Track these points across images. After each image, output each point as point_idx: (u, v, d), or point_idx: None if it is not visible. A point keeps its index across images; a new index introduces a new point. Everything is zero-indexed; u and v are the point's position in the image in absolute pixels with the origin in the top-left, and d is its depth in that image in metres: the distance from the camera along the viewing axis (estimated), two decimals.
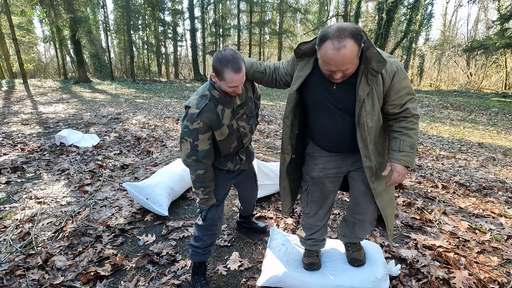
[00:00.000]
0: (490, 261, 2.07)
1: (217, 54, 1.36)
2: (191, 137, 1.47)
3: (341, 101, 1.35)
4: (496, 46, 10.48)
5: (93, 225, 2.36)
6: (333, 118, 1.40)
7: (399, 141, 1.37)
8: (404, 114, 1.36)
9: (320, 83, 1.36)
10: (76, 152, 4.14)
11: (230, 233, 2.35)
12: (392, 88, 1.30)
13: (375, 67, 1.22)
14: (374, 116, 1.32)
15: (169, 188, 2.66)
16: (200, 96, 1.49)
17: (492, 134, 7.12)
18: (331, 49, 1.13)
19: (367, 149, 1.35)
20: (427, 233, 2.41)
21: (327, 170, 1.56)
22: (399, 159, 1.36)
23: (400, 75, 1.29)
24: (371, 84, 1.26)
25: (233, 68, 1.33)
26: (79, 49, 16.44)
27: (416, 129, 1.37)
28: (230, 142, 1.60)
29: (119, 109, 8.18)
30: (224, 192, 1.76)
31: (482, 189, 3.45)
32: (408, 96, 1.34)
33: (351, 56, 1.14)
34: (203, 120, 1.45)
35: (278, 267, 1.73)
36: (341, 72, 1.20)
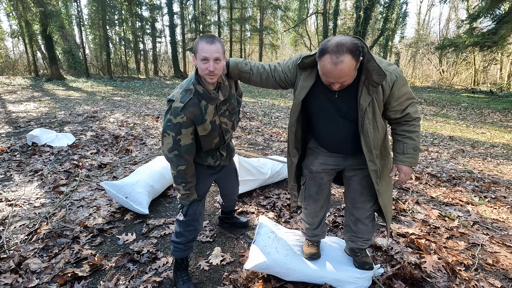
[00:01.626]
0: (458, 245, 2.22)
1: (198, 39, 1.42)
2: (174, 131, 1.46)
3: (342, 110, 1.41)
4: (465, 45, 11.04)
5: (69, 226, 2.29)
6: (336, 125, 1.46)
7: (402, 144, 1.46)
8: (406, 119, 1.42)
9: (323, 93, 1.42)
10: (49, 152, 3.98)
11: (212, 229, 2.36)
12: (392, 96, 1.36)
13: (375, 80, 1.27)
14: (376, 123, 1.39)
15: (149, 186, 2.63)
16: (185, 90, 1.48)
17: (462, 128, 7.51)
18: (329, 63, 1.18)
19: (371, 154, 1.41)
20: (401, 222, 2.53)
21: (326, 166, 1.63)
22: (404, 161, 1.46)
23: (400, 82, 1.34)
24: (371, 94, 1.32)
25: (207, 39, 1.37)
26: (51, 45, 15.68)
27: (418, 132, 1.45)
28: (212, 138, 1.61)
29: (95, 107, 7.91)
30: (205, 188, 1.77)
31: (452, 179, 3.65)
32: (408, 101, 1.40)
33: (348, 70, 1.19)
34: (187, 115, 1.45)
35: (266, 253, 1.75)
36: (338, 84, 1.26)
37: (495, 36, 10.49)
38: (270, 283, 1.76)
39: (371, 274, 1.75)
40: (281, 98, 12.21)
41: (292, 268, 1.72)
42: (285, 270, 1.72)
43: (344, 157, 1.60)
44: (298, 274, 1.72)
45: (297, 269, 1.73)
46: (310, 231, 1.84)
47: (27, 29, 16.22)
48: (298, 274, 1.72)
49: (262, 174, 2.96)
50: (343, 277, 1.71)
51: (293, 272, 1.71)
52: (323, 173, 1.65)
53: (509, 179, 3.79)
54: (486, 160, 4.68)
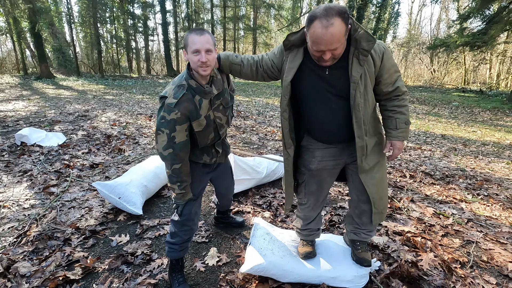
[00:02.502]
0: (453, 243, 2.23)
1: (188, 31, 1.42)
2: (168, 128, 1.43)
3: (334, 86, 1.36)
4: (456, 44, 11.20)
5: (60, 227, 2.23)
6: (328, 105, 1.41)
7: (394, 120, 1.46)
8: (396, 93, 1.42)
9: (312, 71, 1.37)
10: (39, 152, 3.88)
11: (208, 229, 2.33)
12: (383, 67, 1.35)
13: (365, 47, 1.25)
14: (367, 96, 1.35)
15: (142, 186, 2.58)
16: (177, 86, 1.45)
17: (453, 126, 7.62)
18: (319, 28, 1.15)
19: (360, 129, 1.38)
20: (396, 220, 2.54)
21: (326, 162, 1.57)
22: (397, 136, 1.47)
23: (388, 53, 1.35)
24: (363, 65, 1.29)
25: (196, 31, 1.37)
26: (40, 43, 15.34)
27: (407, 106, 1.46)
28: (207, 133, 1.58)
29: (86, 106, 7.76)
30: (200, 187, 1.74)
31: (445, 177, 3.69)
32: (396, 73, 1.41)
33: (339, 34, 1.16)
34: (181, 110, 1.42)
35: (262, 255, 1.73)
36: (330, 52, 1.22)
37: (485, 36, 10.67)
38: (267, 284, 1.74)
39: (368, 272, 1.74)
40: (275, 97, 12.20)
41: (289, 269, 1.70)
42: (281, 272, 1.70)
43: (340, 149, 1.54)
44: (295, 275, 1.70)
45: (294, 270, 1.71)
46: (305, 226, 1.80)
47: (15, 26, 15.81)
48: (295, 275, 1.70)
49: (258, 173, 2.94)
50: (339, 275, 1.69)
51: (290, 273, 1.70)
52: (323, 170, 1.59)
53: (500, 176, 3.85)
54: (478, 158, 4.74)
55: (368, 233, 1.72)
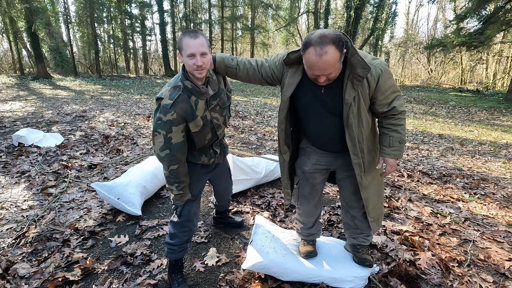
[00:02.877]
0: (450, 241, 2.25)
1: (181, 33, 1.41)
2: (164, 129, 1.43)
3: (329, 104, 1.42)
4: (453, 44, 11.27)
5: (59, 228, 2.23)
6: (322, 120, 1.47)
7: (388, 138, 1.49)
8: (392, 112, 1.44)
9: (309, 89, 1.43)
10: (37, 152, 3.86)
11: (207, 229, 2.33)
12: (378, 90, 1.37)
13: (359, 73, 1.29)
14: (360, 117, 1.39)
15: (141, 186, 2.58)
16: (173, 87, 1.46)
17: (450, 126, 7.67)
18: (313, 55, 1.19)
19: (355, 147, 1.43)
20: (394, 219, 2.56)
21: (319, 166, 1.65)
22: (390, 154, 1.49)
23: (385, 76, 1.35)
24: (356, 88, 1.33)
25: (190, 34, 1.37)
26: (37, 43, 15.25)
27: (403, 125, 1.47)
28: (204, 134, 1.58)
29: (84, 107, 7.73)
30: (199, 187, 1.74)
31: (443, 177, 3.72)
32: (393, 94, 1.41)
33: (333, 62, 1.20)
34: (177, 111, 1.42)
35: (264, 253, 1.73)
36: (324, 76, 1.26)
37: (482, 36, 10.75)
38: (267, 283, 1.74)
39: (368, 273, 1.75)
40: (273, 97, 12.21)
41: (290, 268, 1.71)
42: (282, 270, 1.71)
43: (335, 156, 1.60)
44: (296, 274, 1.71)
45: (295, 268, 1.71)
46: (305, 230, 1.84)
47: (11, 26, 15.74)
48: (295, 274, 1.71)
49: (257, 173, 2.95)
50: (340, 276, 1.71)
51: (291, 272, 1.70)
52: (316, 173, 1.66)
53: (497, 175, 3.88)
54: (475, 158, 4.78)
55: (366, 237, 1.76)
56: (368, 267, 1.74)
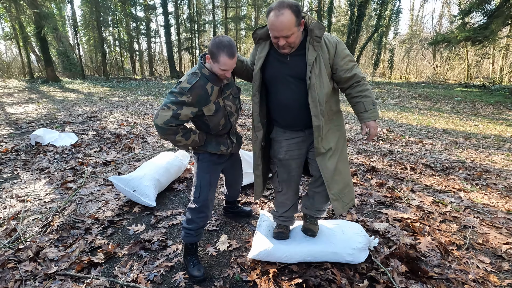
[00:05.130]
0: (450, 228, 2.35)
1: (215, 39, 1.53)
2: (176, 106, 1.55)
3: (294, 70, 1.58)
4: (457, 39, 11.23)
5: (81, 218, 2.39)
6: (289, 87, 1.61)
7: (362, 104, 1.65)
8: (355, 80, 1.62)
9: (276, 59, 1.62)
10: (54, 151, 4.05)
11: (218, 218, 2.47)
12: (338, 56, 1.57)
13: (317, 33, 1.50)
14: (322, 79, 1.55)
15: (155, 179, 2.73)
16: (192, 73, 1.61)
17: (455, 121, 7.69)
18: (272, 16, 1.43)
19: (316, 108, 1.55)
20: (397, 208, 2.66)
21: (291, 152, 1.77)
22: (369, 117, 1.65)
23: (341, 45, 1.59)
24: (317, 50, 1.52)
25: (228, 53, 1.50)
26: (46, 47, 15.63)
27: (369, 89, 1.66)
28: (218, 118, 1.72)
29: (94, 108, 7.96)
30: (215, 177, 1.88)
31: (445, 169, 3.80)
32: (351, 62, 1.61)
33: (288, 23, 1.41)
34: (192, 95, 1.56)
35: (267, 242, 1.88)
36: (283, 39, 1.46)
37: (486, 31, 10.69)
38: (275, 264, 1.88)
39: (366, 244, 1.87)
40: None
41: (293, 250, 1.84)
42: (287, 254, 1.84)
43: (302, 138, 1.73)
44: (300, 255, 1.84)
45: (298, 250, 1.85)
46: (281, 213, 1.96)
47: (20, 31, 16.13)
48: (299, 255, 1.84)
49: None
50: (339, 250, 1.83)
51: (295, 253, 1.84)
52: (290, 160, 1.79)
53: (500, 167, 3.95)
54: (478, 151, 4.83)
55: (317, 211, 1.89)
56: (310, 236, 1.90)
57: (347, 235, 1.93)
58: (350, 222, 2.18)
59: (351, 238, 1.89)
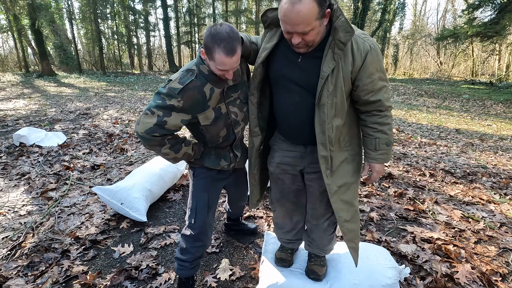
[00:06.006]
0: (488, 251, 2.02)
1: (210, 29, 1.13)
2: (162, 111, 1.19)
3: (303, 76, 1.19)
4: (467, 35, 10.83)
5: (58, 237, 2.06)
6: (292, 97, 1.24)
7: (374, 140, 1.26)
8: (377, 107, 1.21)
9: (285, 55, 1.22)
10: (38, 152, 3.71)
11: (218, 237, 2.14)
12: (364, 70, 1.13)
13: (341, 38, 1.07)
14: (336, 98, 1.15)
15: (146, 190, 2.39)
16: (186, 70, 1.25)
17: (466, 120, 7.35)
18: (285, 3, 0.99)
19: (323, 135, 1.18)
20: (422, 225, 2.33)
21: (285, 167, 1.40)
22: (376, 158, 1.28)
23: (374, 55, 1.13)
24: (337, 59, 1.10)
25: (226, 49, 1.10)
26: (41, 40, 15.17)
27: (390, 124, 1.25)
28: (217, 128, 1.36)
29: (88, 104, 7.59)
30: (215, 197, 1.54)
31: (467, 175, 3.47)
32: (381, 82, 1.18)
33: (307, 14, 0.99)
34: (184, 99, 1.21)
35: (277, 274, 1.55)
36: (299, 37, 1.06)
37: (497, 26, 10.29)
38: None
39: (397, 280, 1.54)
40: None
41: (309, 286, 1.51)
42: None
43: (301, 153, 1.35)
44: None
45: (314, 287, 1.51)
46: (282, 235, 1.63)
47: (15, 23, 15.66)
48: None
49: None
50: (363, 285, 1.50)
51: None
52: (283, 174, 1.42)
53: None
54: (498, 154, 4.50)
55: (321, 250, 1.56)
56: (314, 280, 1.54)
57: (372, 266, 1.59)
58: (374, 246, 1.84)
59: (378, 271, 1.55)
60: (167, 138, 1.26)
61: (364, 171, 1.34)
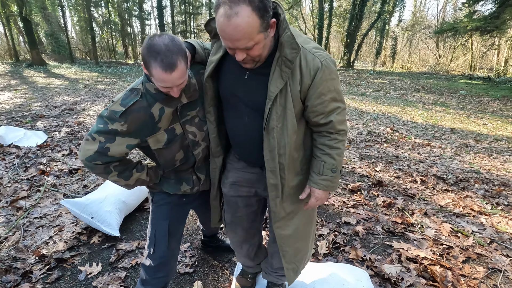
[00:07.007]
0: (476, 271, 1.93)
1: (147, 40, 0.97)
2: (104, 137, 1.06)
3: (250, 95, 1.08)
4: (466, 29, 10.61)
5: (22, 255, 1.93)
6: (242, 117, 1.13)
7: (319, 163, 1.13)
8: (327, 129, 1.09)
9: (232, 70, 1.10)
10: (15, 154, 3.54)
11: (193, 254, 2.03)
12: (314, 89, 1.01)
13: (287, 55, 0.95)
14: (286, 121, 1.04)
15: (120, 202, 2.26)
16: (130, 89, 1.10)
17: (462, 118, 7.23)
18: (222, 17, 0.85)
19: (273, 161, 1.08)
20: (409, 241, 2.23)
21: (237, 188, 1.30)
22: (318, 183, 1.14)
23: (325, 73, 0.99)
24: (285, 78, 0.98)
25: (163, 63, 0.94)
26: (30, 28, 14.72)
27: (341, 149, 1.12)
28: (172, 151, 1.21)
29: (75, 98, 7.37)
30: (179, 223, 1.41)
31: (459, 182, 3.37)
32: (334, 103, 1.05)
33: (247, 29, 0.85)
34: (128, 122, 1.07)
35: None
36: (243, 52, 0.92)
37: (497, 21, 10.07)
38: None
39: None
40: None
41: None
42: None
43: (258, 175, 1.23)
44: None
45: None
46: (239, 258, 1.57)
47: (3, 10, 15.14)
48: None
49: None
50: None
51: None
52: (236, 197, 1.32)
53: None
54: (492, 157, 4.40)
55: (278, 276, 1.49)
56: None
57: None
58: (354, 268, 1.74)
59: None
60: (113, 165, 1.12)
61: (303, 194, 1.19)
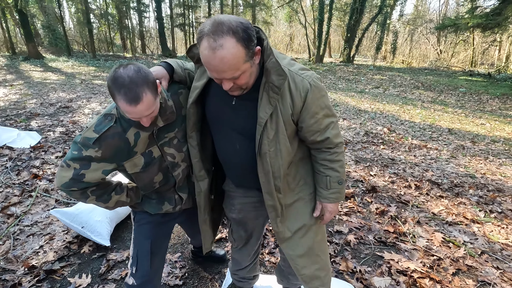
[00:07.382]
0: (466, 284, 1.93)
1: (112, 72, 0.95)
2: (78, 163, 1.05)
3: (238, 122, 1.08)
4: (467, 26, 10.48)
5: (11, 266, 1.92)
6: (233, 144, 1.13)
7: (325, 178, 1.17)
8: (325, 145, 1.13)
9: (218, 96, 1.09)
10: (8, 156, 3.52)
11: (184, 265, 2.03)
12: (307, 110, 1.03)
13: (274, 81, 0.95)
14: (279, 145, 1.05)
15: (111, 211, 2.25)
16: (104, 115, 1.08)
17: (460, 118, 7.20)
18: (206, 49, 0.84)
19: (269, 184, 1.10)
20: (400, 251, 2.23)
21: (246, 213, 1.33)
22: (328, 198, 1.18)
23: (315, 93, 1.01)
24: (273, 103, 0.98)
25: (127, 97, 0.91)
26: (25, 20, 14.49)
27: (341, 161, 1.16)
28: (150, 175, 1.20)
29: (71, 94, 7.31)
30: (161, 241, 1.40)
31: (454, 187, 3.36)
32: (327, 119, 1.08)
33: (233, 60, 0.84)
34: (103, 148, 1.05)
35: None
36: (230, 82, 0.92)
37: (499, 17, 9.95)
38: None
39: None
40: None
41: None
42: None
43: (259, 198, 1.22)
44: None
45: None
46: (236, 270, 1.59)
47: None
48: None
49: None
50: None
51: None
52: (247, 219, 1.35)
53: None
54: (488, 160, 4.40)
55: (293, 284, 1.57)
56: None
57: None
58: (342, 283, 1.75)
59: None
60: (90, 190, 1.11)
61: (317, 211, 1.23)
